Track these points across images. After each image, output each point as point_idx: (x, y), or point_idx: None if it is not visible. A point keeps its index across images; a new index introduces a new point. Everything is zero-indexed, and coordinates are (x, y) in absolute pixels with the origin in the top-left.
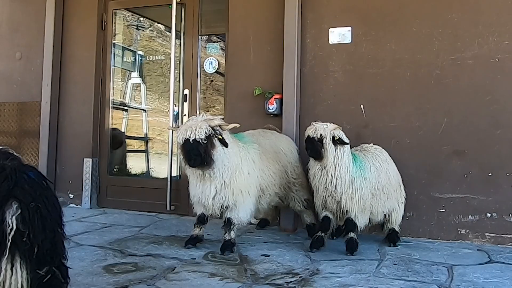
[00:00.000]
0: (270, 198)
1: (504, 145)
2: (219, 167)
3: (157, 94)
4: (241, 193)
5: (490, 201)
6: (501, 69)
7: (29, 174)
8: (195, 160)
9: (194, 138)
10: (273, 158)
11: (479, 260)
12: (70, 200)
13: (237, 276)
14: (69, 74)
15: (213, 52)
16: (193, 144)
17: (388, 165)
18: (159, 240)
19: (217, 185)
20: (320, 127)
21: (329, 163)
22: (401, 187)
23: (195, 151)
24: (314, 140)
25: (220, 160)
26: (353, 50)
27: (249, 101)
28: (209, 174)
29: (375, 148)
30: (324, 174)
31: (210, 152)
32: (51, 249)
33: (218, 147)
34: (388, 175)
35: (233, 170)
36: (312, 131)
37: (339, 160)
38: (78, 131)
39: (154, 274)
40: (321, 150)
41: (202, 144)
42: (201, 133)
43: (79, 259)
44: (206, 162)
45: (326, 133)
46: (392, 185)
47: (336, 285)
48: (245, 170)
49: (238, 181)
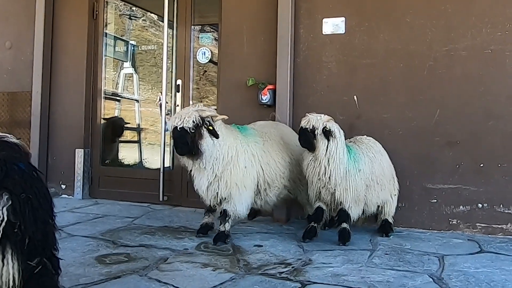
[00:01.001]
0: (279, 191)
1: (496, 136)
2: (208, 158)
3: (150, 84)
4: (236, 186)
5: (482, 191)
6: (494, 60)
7: (20, 165)
8: (182, 148)
9: (182, 127)
10: (283, 150)
11: (470, 250)
12: (62, 191)
13: (230, 267)
14: (60, 64)
15: (206, 42)
16: (181, 132)
17: (382, 156)
18: (152, 231)
19: (208, 177)
20: (313, 118)
21: (321, 154)
22: (394, 179)
23: (183, 139)
24: (307, 131)
25: (208, 151)
26: (346, 40)
27: (242, 92)
28: (199, 165)
29: (369, 139)
30: (317, 166)
31: (197, 142)
32: (42, 240)
33: (207, 138)
34: (382, 166)
35: (226, 163)
36: (305, 122)
37: (332, 152)
38: (70, 121)
39: (147, 265)
40: (313, 141)
41: (190, 133)
42: (189, 122)
43: (71, 250)
44: (193, 151)
45: (319, 124)
46: (386, 176)
47: (328, 275)
48: (241, 163)
49: (233, 174)
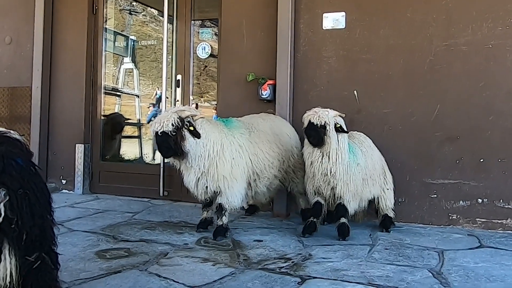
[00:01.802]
0: (269, 181)
1: (496, 132)
2: (193, 157)
3: (150, 79)
4: (225, 179)
5: (481, 186)
6: (494, 55)
7: (17, 160)
8: (166, 152)
9: (163, 131)
10: (272, 140)
11: (470, 245)
12: (63, 186)
13: (230, 261)
14: (60, 59)
15: (206, 37)
16: (162, 137)
17: (373, 151)
18: (152, 226)
19: (196, 173)
20: (323, 114)
21: (332, 150)
22: (386, 173)
23: (165, 143)
24: (318, 127)
25: (192, 151)
26: (346, 35)
27: (242, 87)
28: (185, 164)
29: (359, 134)
30: (325, 161)
31: (179, 143)
32: (40, 235)
33: (189, 138)
34: (373, 160)
35: (213, 157)
36: (315, 118)
37: (341, 148)
38: (70, 116)
39: (147, 260)
40: (324, 137)
41: (171, 136)
42: (169, 126)
43: (72, 245)
44: (178, 153)
45: (330, 120)
46: (376, 170)
47: (328, 270)
48: (227, 156)
49: (220, 167)
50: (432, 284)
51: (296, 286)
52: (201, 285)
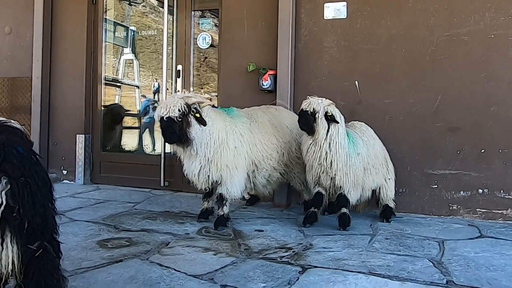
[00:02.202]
0: (268, 173)
1: (497, 122)
2: (199, 145)
3: (150, 70)
4: (227, 168)
5: (482, 177)
6: (496, 45)
7: (18, 149)
8: (170, 137)
9: (168, 116)
10: (271, 132)
11: (470, 235)
12: (64, 176)
13: (231, 251)
14: (60, 49)
15: (207, 28)
16: (168, 122)
17: (374, 140)
18: (153, 216)
19: (201, 162)
20: (314, 102)
21: (321, 138)
22: (387, 163)
23: (170, 129)
24: (307, 113)
25: (198, 138)
26: (348, 25)
27: (243, 78)
28: (189, 151)
29: (361, 124)
30: (318, 150)
31: (185, 130)
32: (42, 224)
33: (195, 125)
34: (375, 150)
35: (218, 145)
36: (306, 104)
37: (333, 137)
38: (70, 107)
39: (148, 249)
40: (312, 124)
41: (177, 122)
42: (175, 111)
43: (73, 234)
44: (182, 140)
45: (320, 108)
46: (379, 160)
47: (329, 259)
48: (231, 144)
49: (223, 156)
50: (432, 273)
51: (297, 275)
52: (203, 274)
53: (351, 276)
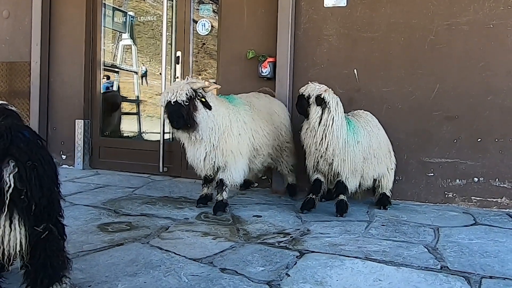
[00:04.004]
0: (264, 158)
1: (494, 111)
2: (204, 129)
3: (148, 56)
4: (232, 154)
5: (478, 165)
6: (495, 35)
7: (24, 133)
8: (177, 122)
9: (176, 100)
10: (267, 119)
11: (465, 222)
12: (63, 161)
13: (230, 236)
14: (59, 34)
15: (206, 14)
16: (175, 106)
17: (379, 130)
18: (153, 201)
19: (206, 148)
20: (310, 86)
21: (315, 122)
22: (391, 153)
23: (177, 113)
24: (303, 97)
25: (204, 123)
26: (348, 13)
27: (242, 64)
28: (195, 137)
29: (366, 113)
30: (313, 135)
31: (192, 114)
32: (48, 206)
33: (201, 109)
34: (379, 140)
35: (222, 132)
36: (303, 89)
37: (327, 122)
38: (69, 92)
39: (148, 233)
40: (306, 108)
41: (184, 106)
42: (183, 95)
43: (74, 218)
44: (189, 124)
45: (314, 92)
46: (382, 150)
47: (326, 245)
48: (235, 131)
49: (228, 143)
50: (427, 259)
51: (294, 259)
52: (202, 258)
53: (348, 261)
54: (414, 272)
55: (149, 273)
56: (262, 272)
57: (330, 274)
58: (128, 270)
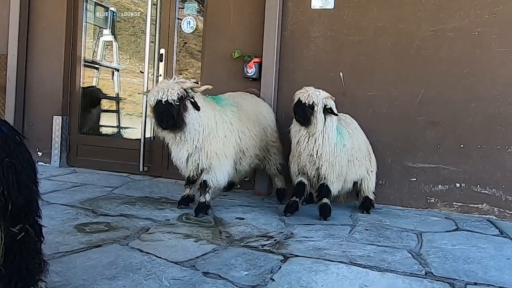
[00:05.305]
0: (251, 160)
1: (478, 118)
2: (190, 130)
3: (129, 54)
4: (217, 156)
5: (460, 171)
6: (480, 42)
7: (2, 128)
8: (167, 122)
9: (167, 100)
10: (254, 120)
11: (447, 228)
12: (39, 158)
13: (212, 238)
14: (38, 27)
15: (190, 12)
16: (165, 106)
17: (358, 132)
18: (132, 201)
19: (188, 149)
20: (313, 94)
21: (318, 131)
22: (370, 155)
23: (168, 113)
24: (305, 106)
25: (191, 124)
26: (335, 16)
27: (227, 64)
28: (180, 137)
29: (345, 116)
30: (312, 142)
31: (182, 114)
32: (26, 206)
33: (191, 110)
34: (359, 142)
35: (207, 134)
36: (305, 96)
37: (327, 129)
38: (48, 87)
39: (128, 234)
40: (310, 117)
41: (175, 106)
42: (174, 95)
43: (49, 218)
44: (178, 124)
45: (319, 100)
46: (362, 152)
47: (310, 249)
48: (220, 133)
49: (213, 144)
50: (412, 264)
51: (279, 263)
52: (184, 261)
53: (333, 266)
54: (400, 278)
55: (128, 277)
56: (246, 276)
57: (316, 279)
58: (107, 273)
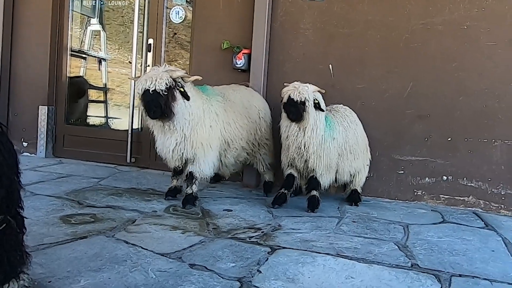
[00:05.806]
0: (237, 153)
1: (465, 112)
2: (179, 120)
3: (117, 44)
4: (202, 146)
5: (447, 164)
6: (468, 36)
7: None
8: (155, 111)
9: (154, 89)
10: (242, 112)
11: (433, 220)
12: (24, 149)
13: (199, 230)
14: (23, 15)
15: (179, 2)
16: (153, 95)
17: (356, 126)
18: (119, 192)
19: (177, 138)
20: (303, 90)
21: (309, 125)
22: (367, 149)
23: (155, 102)
24: (297, 103)
25: (180, 113)
26: (325, 8)
27: (216, 55)
28: (168, 126)
29: (345, 108)
30: (301, 136)
31: (170, 104)
32: (7, 197)
33: (179, 99)
34: (356, 136)
35: (195, 123)
36: (295, 94)
37: (318, 123)
38: (33, 76)
39: (114, 226)
40: (303, 113)
41: (163, 95)
42: (162, 84)
43: (34, 209)
44: (166, 114)
45: (309, 96)
46: (359, 146)
47: (297, 241)
48: (207, 123)
49: (199, 134)
50: (398, 256)
51: (266, 255)
52: (171, 253)
53: (320, 258)
54: (386, 270)
55: (114, 268)
56: (233, 268)
57: (302, 271)
58: (92, 265)
